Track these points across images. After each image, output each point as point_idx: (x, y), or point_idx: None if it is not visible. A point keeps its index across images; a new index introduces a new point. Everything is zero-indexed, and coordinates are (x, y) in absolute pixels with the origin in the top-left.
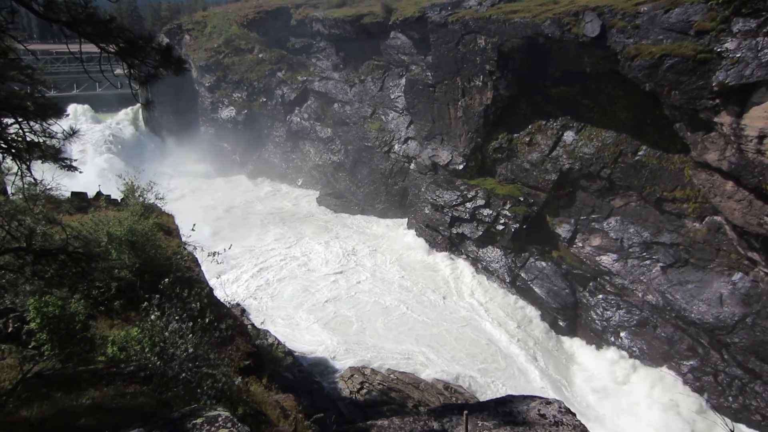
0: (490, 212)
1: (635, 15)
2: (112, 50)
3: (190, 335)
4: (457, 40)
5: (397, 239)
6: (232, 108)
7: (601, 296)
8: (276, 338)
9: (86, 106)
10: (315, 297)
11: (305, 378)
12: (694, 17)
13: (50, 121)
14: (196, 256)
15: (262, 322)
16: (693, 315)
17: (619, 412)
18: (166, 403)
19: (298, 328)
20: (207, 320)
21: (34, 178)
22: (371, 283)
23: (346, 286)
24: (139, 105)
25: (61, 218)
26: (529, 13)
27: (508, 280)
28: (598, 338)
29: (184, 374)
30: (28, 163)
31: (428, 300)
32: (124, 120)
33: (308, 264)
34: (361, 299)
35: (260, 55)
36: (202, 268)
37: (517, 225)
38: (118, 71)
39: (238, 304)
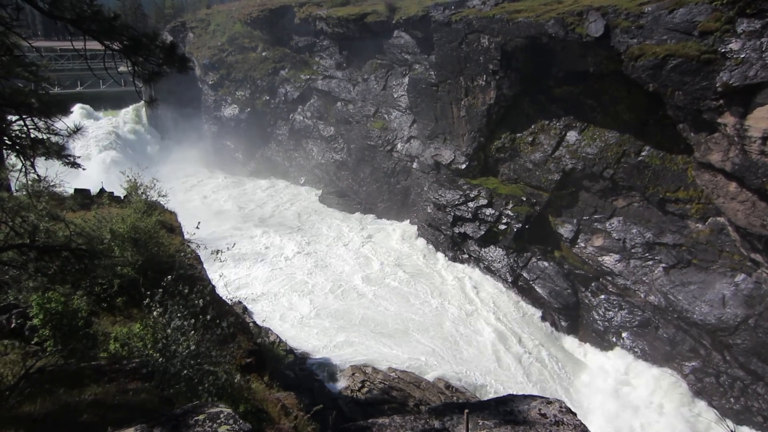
0: (493, 212)
1: (639, 15)
2: (117, 48)
3: (192, 332)
4: (460, 40)
5: (398, 238)
6: (235, 106)
7: (603, 296)
8: (278, 336)
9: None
10: (314, 295)
11: (306, 376)
12: (699, 17)
13: (54, 118)
14: (199, 253)
15: (264, 321)
16: (695, 316)
17: (621, 413)
18: (168, 400)
19: (299, 327)
20: (209, 317)
21: (38, 175)
22: (372, 282)
23: (346, 284)
24: (142, 102)
25: (64, 215)
26: (532, 12)
27: (509, 280)
28: (599, 339)
29: (186, 371)
30: (32, 159)
31: (429, 299)
32: (128, 117)
33: (308, 262)
34: (360, 298)
35: (264, 54)
36: (204, 266)
37: (520, 225)
38: (122, 69)
39: (239, 302)
